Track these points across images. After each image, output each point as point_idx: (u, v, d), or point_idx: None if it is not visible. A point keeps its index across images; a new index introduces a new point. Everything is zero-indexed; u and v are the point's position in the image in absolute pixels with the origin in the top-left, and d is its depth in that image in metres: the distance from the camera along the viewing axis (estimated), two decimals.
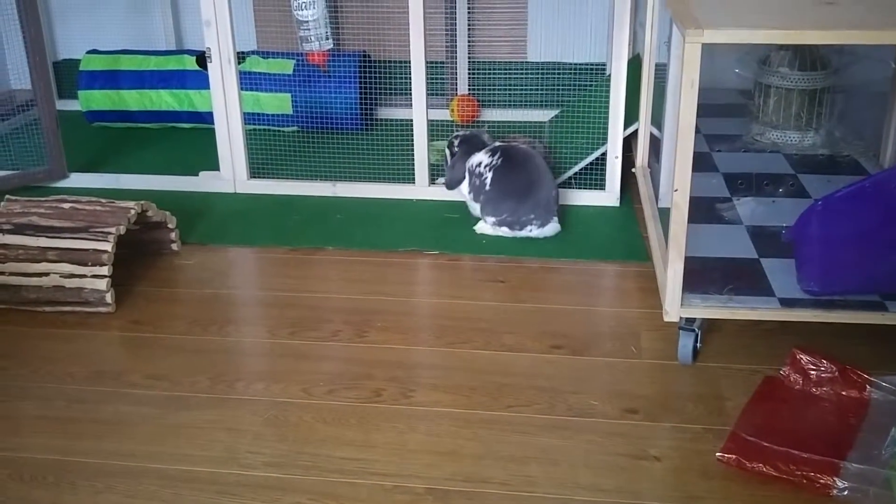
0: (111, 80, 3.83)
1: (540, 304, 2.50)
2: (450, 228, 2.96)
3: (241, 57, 3.46)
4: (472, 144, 2.97)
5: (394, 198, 3.19)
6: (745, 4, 2.16)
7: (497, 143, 2.94)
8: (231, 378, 2.20)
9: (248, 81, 3.62)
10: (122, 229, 2.52)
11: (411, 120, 3.11)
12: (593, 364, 2.23)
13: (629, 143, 3.20)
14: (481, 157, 2.89)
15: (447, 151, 3.04)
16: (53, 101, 3.28)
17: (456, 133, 3.06)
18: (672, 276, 2.10)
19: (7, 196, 2.71)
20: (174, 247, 2.83)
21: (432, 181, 3.17)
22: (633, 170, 3.17)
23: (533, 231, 2.84)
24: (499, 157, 2.86)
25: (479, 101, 3.89)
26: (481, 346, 2.31)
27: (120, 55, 3.89)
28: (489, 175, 2.84)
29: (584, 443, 1.95)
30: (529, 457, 1.91)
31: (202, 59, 3.45)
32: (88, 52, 3.93)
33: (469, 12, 3.86)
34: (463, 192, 2.96)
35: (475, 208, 2.93)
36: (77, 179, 3.36)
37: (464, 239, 2.88)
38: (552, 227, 2.86)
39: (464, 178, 2.93)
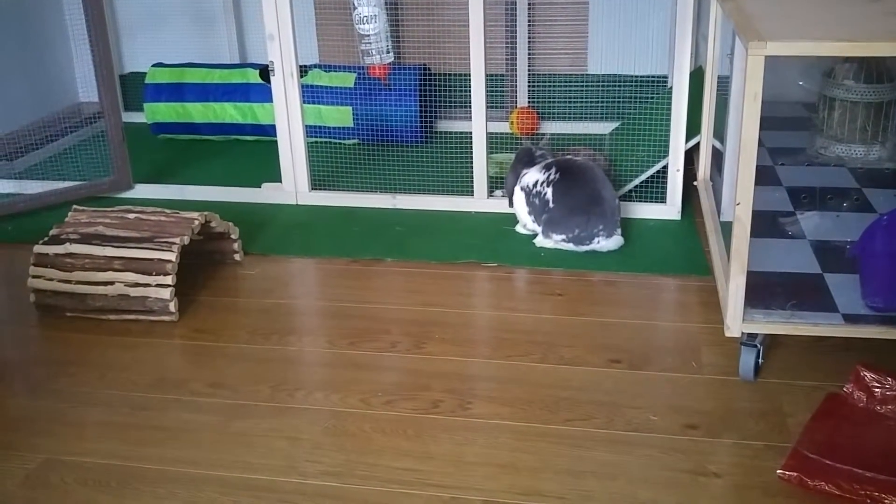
0: (176, 92, 3.89)
1: (599, 318, 2.49)
2: (508, 241, 2.96)
3: (303, 70, 3.50)
4: (519, 159, 2.97)
5: (453, 210, 3.20)
6: (809, 16, 2.13)
7: (549, 158, 2.93)
8: (291, 387, 2.22)
9: (310, 94, 3.65)
10: (186, 239, 2.56)
11: (471, 132, 3.12)
12: (653, 378, 2.21)
13: (690, 156, 3.18)
14: (535, 175, 2.87)
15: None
16: (120, 113, 3.35)
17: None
18: (734, 290, 2.08)
19: (74, 206, 2.77)
20: (237, 257, 2.86)
21: (490, 193, 3.17)
22: (695, 183, 3.14)
23: (600, 242, 2.82)
24: (556, 172, 2.84)
25: (538, 113, 3.88)
26: (539, 359, 2.31)
27: (185, 68, 3.96)
28: (549, 191, 2.83)
29: (643, 458, 1.93)
30: (587, 471, 1.90)
31: (265, 72, 3.50)
32: (154, 66, 4.00)
33: (529, 25, 3.86)
34: (519, 213, 2.95)
35: (526, 221, 2.93)
36: (142, 190, 3.42)
37: (522, 251, 2.88)
38: (616, 240, 2.83)
39: (513, 191, 2.93)
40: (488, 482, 1.88)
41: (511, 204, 2.98)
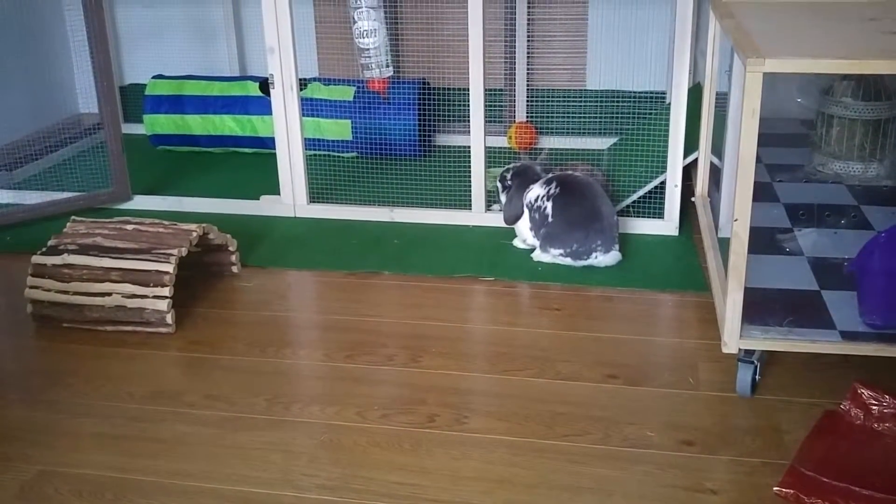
0: (176, 104, 3.90)
1: (596, 333, 2.49)
2: (506, 255, 2.96)
3: (302, 83, 3.50)
4: (525, 177, 2.96)
5: (451, 223, 3.20)
6: (807, 33, 2.14)
7: (550, 174, 2.93)
8: (287, 400, 2.22)
9: (310, 108, 3.66)
10: (184, 251, 2.56)
11: (469, 147, 3.13)
12: (650, 394, 2.21)
13: (688, 172, 3.18)
14: (537, 190, 2.87)
15: (499, 185, 3.03)
16: (119, 124, 3.35)
17: (507, 166, 3.06)
18: (731, 306, 2.08)
19: (73, 217, 2.77)
20: (234, 269, 2.86)
21: (489, 207, 3.18)
22: (693, 199, 3.15)
23: (598, 257, 2.82)
24: (556, 187, 2.84)
25: (536, 128, 3.89)
26: (536, 373, 2.30)
27: (185, 80, 3.96)
28: (549, 205, 2.83)
29: (640, 474, 1.93)
30: (584, 487, 1.89)
31: (265, 85, 3.51)
32: (154, 77, 4.01)
33: (528, 40, 3.87)
34: (520, 228, 2.95)
35: (526, 236, 2.93)
36: (141, 202, 3.42)
37: (520, 265, 2.88)
38: (614, 256, 2.83)
39: (522, 213, 2.92)
40: (484, 497, 1.87)
41: (506, 221, 2.97)
